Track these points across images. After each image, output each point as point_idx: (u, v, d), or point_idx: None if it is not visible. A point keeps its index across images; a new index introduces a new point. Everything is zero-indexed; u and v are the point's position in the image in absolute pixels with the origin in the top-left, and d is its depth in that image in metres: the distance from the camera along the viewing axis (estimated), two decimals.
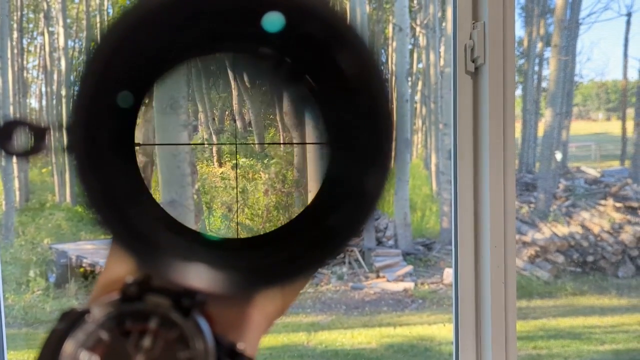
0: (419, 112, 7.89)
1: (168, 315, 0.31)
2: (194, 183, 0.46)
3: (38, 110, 7.13)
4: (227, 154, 0.48)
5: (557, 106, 6.40)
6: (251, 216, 0.46)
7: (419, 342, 4.40)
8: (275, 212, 0.46)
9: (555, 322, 4.66)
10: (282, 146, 0.43)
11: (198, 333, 0.31)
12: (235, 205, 0.45)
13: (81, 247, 5.08)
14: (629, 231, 5.50)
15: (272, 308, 0.36)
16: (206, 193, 0.50)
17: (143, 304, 0.31)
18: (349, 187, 0.31)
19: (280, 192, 0.46)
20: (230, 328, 0.34)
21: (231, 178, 0.47)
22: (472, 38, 1.28)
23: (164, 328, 0.31)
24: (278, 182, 0.47)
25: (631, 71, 6.94)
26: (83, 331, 0.31)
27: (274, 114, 0.36)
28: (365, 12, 6.16)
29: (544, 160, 6.32)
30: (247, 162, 0.47)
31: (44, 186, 6.07)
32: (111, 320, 0.31)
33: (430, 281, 5.35)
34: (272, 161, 0.47)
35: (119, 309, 0.31)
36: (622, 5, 7.22)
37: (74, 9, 7.00)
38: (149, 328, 0.31)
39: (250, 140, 0.44)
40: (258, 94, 0.35)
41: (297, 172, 0.39)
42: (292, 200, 0.43)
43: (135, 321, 0.31)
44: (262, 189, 0.47)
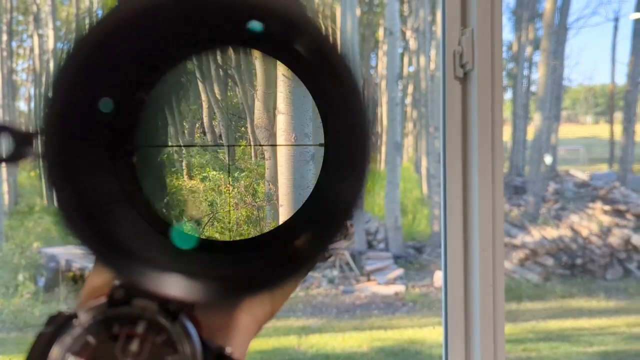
0: (410, 115, 7.91)
1: (155, 319, 0.31)
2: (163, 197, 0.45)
3: (27, 113, 7.08)
4: (197, 167, 0.48)
5: (546, 110, 6.44)
6: (221, 230, 0.45)
7: (410, 345, 4.41)
8: (245, 226, 0.46)
9: (545, 324, 4.68)
10: (252, 159, 0.43)
11: (185, 337, 0.31)
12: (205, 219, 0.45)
13: (70, 251, 5.04)
14: (617, 234, 5.54)
15: (260, 312, 0.36)
16: (175, 206, 0.49)
17: (130, 308, 0.31)
18: (329, 192, 0.31)
19: (251, 206, 0.46)
20: (218, 332, 0.34)
21: (200, 191, 0.47)
22: (460, 44, 1.29)
23: (152, 332, 0.31)
24: (248, 196, 0.47)
25: (619, 75, 7.00)
26: (70, 335, 0.31)
27: (245, 127, 0.37)
28: (355, 15, 6.17)
29: (533, 163, 6.36)
30: (217, 175, 0.46)
31: (33, 190, 6.03)
32: (98, 324, 0.31)
33: (421, 284, 5.36)
34: (242, 174, 0.46)
35: (106, 313, 0.31)
36: (610, 10, 7.28)
37: (63, 12, 6.97)
38: (136, 332, 0.31)
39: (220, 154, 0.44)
40: (229, 106, 0.36)
41: (268, 186, 0.39)
42: (264, 214, 0.44)
43: (122, 325, 0.31)
44: (232, 203, 0.47)
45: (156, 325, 0.31)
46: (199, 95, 0.35)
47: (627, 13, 6.74)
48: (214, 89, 0.36)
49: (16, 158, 0.29)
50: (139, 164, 0.33)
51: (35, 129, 0.29)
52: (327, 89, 0.29)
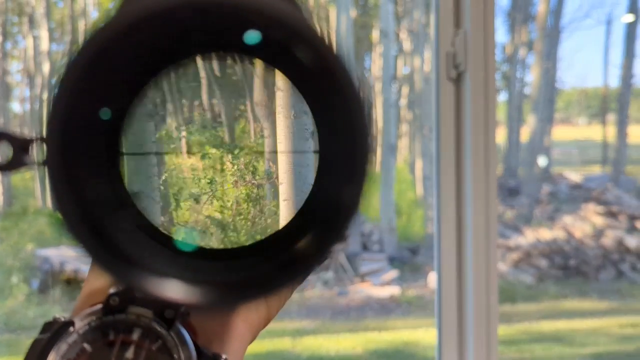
0: (405, 117, 7.93)
1: (151, 326, 0.31)
2: (160, 174, 0.45)
3: (21, 114, 7.05)
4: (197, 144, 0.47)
5: (540, 112, 6.47)
6: (220, 208, 0.45)
7: (404, 347, 4.41)
8: (245, 205, 0.45)
9: (538, 325, 4.70)
10: (252, 137, 0.43)
11: (181, 344, 0.31)
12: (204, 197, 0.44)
13: (64, 253, 5.02)
14: (610, 236, 5.57)
15: (256, 318, 0.36)
16: (173, 185, 0.49)
17: (126, 315, 0.31)
18: (328, 198, 0.31)
19: (251, 184, 0.46)
20: (214, 339, 0.34)
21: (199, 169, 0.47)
22: (454, 45, 1.30)
23: (147, 339, 0.31)
24: (248, 174, 0.46)
25: (611, 78, 7.04)
26: (66, 342, 0.31)
27: (245, 105, 0.37)
28: (350, 17, 6.18)
29: (527, 165, 6.38)
30: (217, 153, 0.46)
31: (27, 191, 6.00)
32: (94, 331, 0.31)
33: (415, 285, 5.37)
34: (242, 152, 0.46)
35: (102, 320, 0.31)
36: (602, 13, 7.32)
37: (58, 14, 6.94)
38: (132, 339, 0.31)
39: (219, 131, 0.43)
40: (228, 83, 0.36)
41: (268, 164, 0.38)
42: (264, 192, 0.43)
43: (118, 332, 0.31)
44: (232, 181, 0.46)
45: (152, 333, 0.31)
46: (198, 72, 0.35)
47: (619, 16, 6.78)
48: (213, 67, 0.36)
49: (15, 165, 0.29)
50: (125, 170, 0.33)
51: (33, 136, 0.29)
52: (326, 97, 0.29)
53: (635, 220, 5.77)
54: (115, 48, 0.27)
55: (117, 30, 0.26)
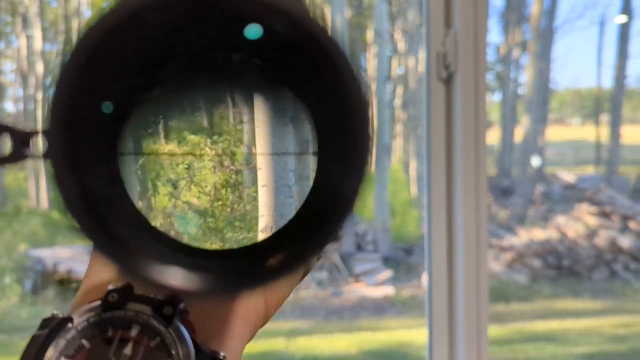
0: (399, 117, 7.94)
1: (149, 323, 0.31)
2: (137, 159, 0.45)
3: (15, 114, 7.02)
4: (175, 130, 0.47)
5: (534, 112, 6.49)
6: (198, 194, 0.45)
7: (398, 347, 4.42)
8: (223, 191, 0.45)
9: (532, 325, 4.71)
10: (231, 122, 0.43)
11: (179, 341, 0.31)
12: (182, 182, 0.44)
13: (58, 253, 5.01)
14: (603, 236, 5.59)
15: (254, 317, 0.36)
16: (151, 170, 0.49)
17: (124, 311, 0.31)
18: (328, 195, 0.31)
19: (229, 170, 0.46)
20: (213, 337, 0.34)
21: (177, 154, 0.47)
22: (444, 45, 1.30)
23: (146, 336, 0.31)
24: (226, 159, 0.46)
25: (605, 78, 7.07)
26: (64, 338, 0.31)
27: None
28: (344, 17, 6.19)
29: (521, 165, 6.40)
30: (195, 139, 0.46)
31: (20, 191, 5.98)
32: (92, 327, 0.31)
33: (409, 286, 5.38)
34: (220, 137, 0.46)
35: (100, 317, 0.31)
36: (596, 14, 7.36)
37: (51, 13, 6.92)
38: (130, 336, 0.31)
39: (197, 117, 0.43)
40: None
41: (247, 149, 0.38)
42: (242, 178, 0.43)
43: (116, 329, 0.31)
44: (210, 166, 0.46)
45: (150, 329, 0.31)
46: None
47: (613, 17, 6.82)
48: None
49: (15, 158, 0.29)
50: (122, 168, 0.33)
51: (34, 129, 0.29)
52: (326, 94, 0.30)
53: (628, 220, 5.79)
54: (115, 40, 0.27)
55: (117, 21, 0.26)
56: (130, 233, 0.31)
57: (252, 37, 0.29)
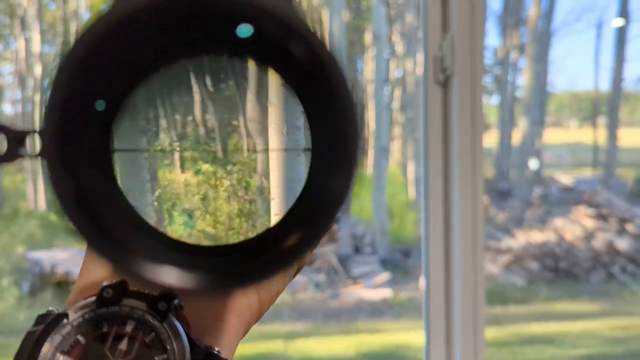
0: (397, 119, 7.95)
1: (144, 318, 0.31)
2: (153, 190, 0.45)
3: (13, 116, 7.01)
4: (190, 160, 0.48)
5: (531, 115, 6.50)
6: (213, 223, 0.46)
7: (396, 350, 4.41)
8: (237, 220, 0.46)
9: (529, 327, 4.71)
10: (245, 152, 0.44)
11: (174, 336, 0.31)
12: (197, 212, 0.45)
13: (55, 255, 5.00)
14: (600, 238, 5.60)
15: (248, 312, 0.36)
16: (167, 200, 0.49)
17: (120, 307, 0.31)
18: (319, 191, 0.31)
19: (243, 200, 0.47)
20: (207, 332, 0.34)
21: (192, 184, 0.47)
22: (441, 49, 1.31)
23: (141, 331, 0.31)
24: (240, 189, 0.47)
25: (602, 81, 7.09)
26: (60, 334, 0.31)
27: (237, 120, 0.37)
28: (343, 20, 6.19)
29: (518, 168, 6.41)
30: (210, 169, 0.47)
31: (18, 193, 5.97)
32: (88, 323, 0.31)
33: (407, 288, 5.38)
34: (234, 167, 0.47)
35: (95, 313, 0.31)
36: (593, 17, 7.38)
37: (50, 15, 6.92)
38: (125, 331, 0.31)
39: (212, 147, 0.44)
40: (221, 98, 0.36)
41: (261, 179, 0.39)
42: (256, 207, 0.44)
43: (111, 324, 0.31)
44: (224, 196, 0.47)
45: (145, 325, 0.31)
46: (191, 87, 0.36)
47: (610, 20, 6.83)
48: (206, 82, 0.37)
49: (11, 157, 0.29)
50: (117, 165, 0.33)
51: (28, 128, 0.29)
52: (318, 94, 0.30)
53: (626, 223, 5.80)
54: (109, 42, 0.27)
55: (112, 22, 0.27)
56: (124, 231, 0.31)
57: (243, 35, 0.29)
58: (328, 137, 0.31)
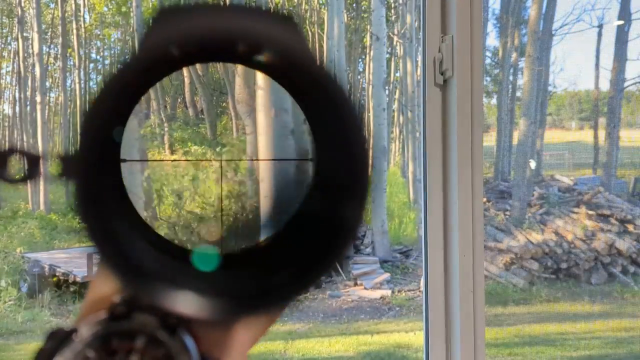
0: (397, 120, 7.95)
1: (155, 334, 0.31)
2: (143, 170, 0.45)
3: (11, 116, 7.02)
4: (179, 141, 0.48)
5: (532, 115, 6.49)
6: (202, 204, 0.45)
7: (396, 350, 4.42)
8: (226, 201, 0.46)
9: (530, 328, 4.71)
10: (234, 134, 0.43)
11: (184, 352, 0.31)
12: (186, 194, 0.45)
13: (54, 256, 5.00)
14: (601, 238, 5.59)
15: (257, 326, 0.37)
16: (156, 180, 0.50)
17: (130, 322, 0.31)
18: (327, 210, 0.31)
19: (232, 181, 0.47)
20: (216, 346, 0.34)
21: (182, 166, 0.47)
22: (440, 51, 1.31)
23: (151, 347, 0.31)
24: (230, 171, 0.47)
25: (602, 81, 7.09)
26: (70, 350, 0.31)
27: (226, 102, 0.37)
28: (343, 21, 6.19)
29: (518, 168, 6.40)
30: (199, 150, 0.47)
31: (17, 194, 5.97)
32: (98, 339, 0.31)
33: (407, 289, 5.38)
34: (224, 149, 0.47)
35: (106, 328, 0.31)
36: (594, 17, 7.38)
37: (49, 15, 6.92)
38: (135, 347, 0.31)
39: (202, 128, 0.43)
40: (210, 81, 0.35)
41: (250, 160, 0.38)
42: (245, 188, 0.43)
43: (122, 340, 0.31)
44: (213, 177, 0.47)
45: (155, 340, 0.31)
46: (180, 71, 0.36)
47: (611, 20, 6.83)
48: (196, 65, 0.37)
49: (25, 179, 0.31)
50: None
51: (44, 152, 0.31)
52: (316, 104, 0.30)
53: (627, 223, 5.80)
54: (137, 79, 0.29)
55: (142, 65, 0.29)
56: (139, 250, 0.31)
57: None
58: (332, 150, 0.31)
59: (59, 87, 7.05)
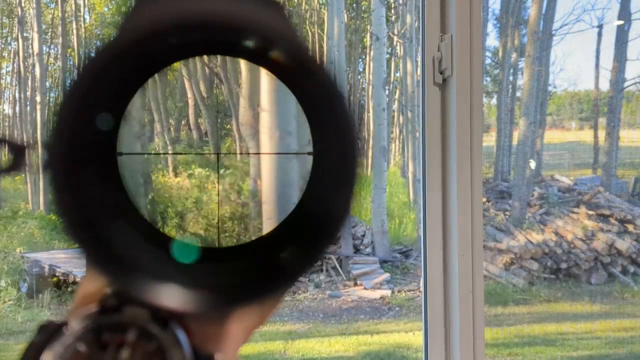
0: (397, 120, 7.95)
1: (146, 327, 0.31)
2: (147, 193, 0.45)
3: (11, 116, 7.02)
4: (183, 164, 0.48)
5: (531, 115, 6.49)
6: (206, 226, 0.45)
7: (396, 350, 4.41)
8: (229, 223, 0.45)
9: (530, 328, 4.71)
10: (238, 156, 0.43)
11: (176, 344, 0.31)
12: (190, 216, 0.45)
13: (54, 256, 4.99)
14: (601, 239, 5.59)
15: (250, 320, 0.37)
16: (160, 203, 0.49)
17: (121, 315, 0.31)
18: (319, 202, 0.31)
19: (235, 203, 0.46)
20: (208, 339, 0.34)
21: (185, 188, 0.47)
22: (439, 50, 1.30)
23: (142, 340, 0.31)
24: (233, 193, 0.46)
25: (602, 81, 7.08)
26: (61, 344, 0.31)
27: (230, 124, 0.36)
28: (343, 21, 6.19)
29: (518, 168, 6.40)
30: (203, 173, 0.46)
31: (17, 194, 5.97)
32: (89, 332, 0.31)
33: (407, 289, 5.38)
34: (227, 172, 0.46)
35: (96, 321, 0.31)
36: (594, 17, 7.38)
37: (49, 14, 6.92)
38: (126, 340, 0.31)
39: (205, 150, 0.43)
40: (214, 103, 0.35)
41: (254, 182, 0.38)
42: (248, 211, 0.43)
43: (113, 333, 0.31)
44: (217, 200, 0.47)
45: (147, 333, 0.31)
46: (185, 93, 0.35)
47: (611, 20, 6.83)
48: (200, 87, 0.37)
49: (13, 169, 0.30)
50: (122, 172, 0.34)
51: (30, 142, 0.30)
52: (312, 97, 0.30)
53: (627, 223, 5.79)
54: (116, 66, 0.28)
55: (122, 46, 0.28)
56: (126, 246, 0.31)
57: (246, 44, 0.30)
58: (326, 143, 0.31)
59: (59, 87, 7.05)
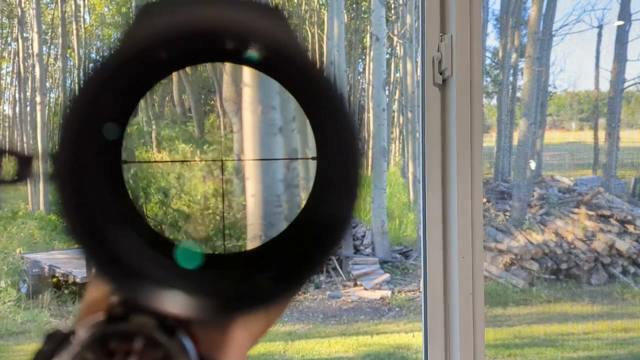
0: (397, 120, 7.94)
1: (153, 335, 0.31)
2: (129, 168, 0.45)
3: (11, 117, 7.02)
4: (166, 139, 0.48)
5: (532, 116, 6.49)
6: (188, 202, 0.45)
7: (396, 350, 4.41)
8: (213, 200, 0.45)
9: (530, 329, 4.71)
10: (221, 132, 0.43)
11: (183, 353, 0.31)
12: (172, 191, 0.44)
13: (54, 257, 4.99)
14: (602, 239, 5.59)
15: (255, 327, 0.37)
16: (143, 178, 0.49)
17: (128, 324, 0.31)
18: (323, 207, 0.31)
19: (219, 179, 0.46)
20: (215, 347, 0.34)
21: (168, 164, 0.47)
22: (439, 50, 1.30)
23: (149, 348, 0.31)
24: (216, 169, 0.46)
25: (603, 82, 7.08)
26: (68, 352, 0.31)
27: (214, 100, 0.36)
28: (343, 22, 6.19)
29: (518, 169, 6.40)
30: (186, 148, 0.46)
31: (17, 194, 5.97)
32: (96, 341, 0.31)
33: (407, 289, 5.37)
34: (211, 147, 0.46)
35: (103, 330, 0.31)
36: (594, 17, 7.38)
37: (49, 15, 6.92)
38: (133, 348, 0.31)
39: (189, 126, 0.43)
40: (198, 79, 0.35)
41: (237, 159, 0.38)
42: (232, 187, 0.43)
43: (120, 342, 0.31)
44: (200, 176, 0.47)
45: (153, 341, 0.31)
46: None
47: (611, 20, 6.83)
48: None
49: (16, 181, 0.30)
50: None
51: (35, 152, 0.30)
52: (313, 100, 0.30)
53: (627, 224, 5.79)
54: (123, 72, 0.28)
55: (126, 56, 0.28)
56: (131, 253, 0.31)
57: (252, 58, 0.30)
58: (329, 151, 0.31)
59: (59, 87, 7.05)
